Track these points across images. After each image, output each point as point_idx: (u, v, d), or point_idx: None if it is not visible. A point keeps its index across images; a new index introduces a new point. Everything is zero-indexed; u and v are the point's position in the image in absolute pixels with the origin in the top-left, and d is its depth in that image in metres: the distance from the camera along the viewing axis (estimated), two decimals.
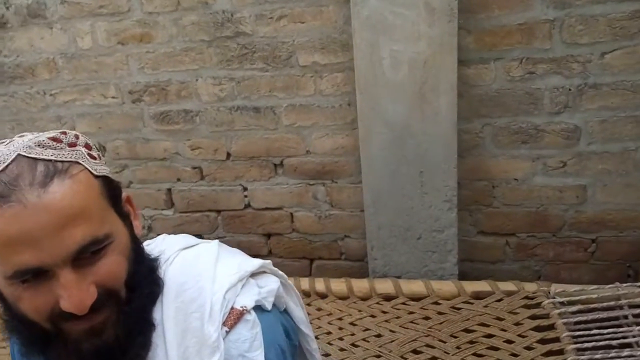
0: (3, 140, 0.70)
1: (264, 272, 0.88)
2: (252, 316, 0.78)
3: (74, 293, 0.64)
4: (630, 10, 1.55)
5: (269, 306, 0.82)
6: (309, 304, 1.78)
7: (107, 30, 1.91)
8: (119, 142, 2.05)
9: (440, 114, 1.65)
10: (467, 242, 1.88)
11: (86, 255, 0.66)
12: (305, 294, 1.82)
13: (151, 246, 0.89)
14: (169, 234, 2.09)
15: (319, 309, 1.75)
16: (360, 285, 1.79)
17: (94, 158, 0.74)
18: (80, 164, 0.70)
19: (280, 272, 0.92)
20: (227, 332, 0.76)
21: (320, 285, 1.82)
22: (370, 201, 1.82)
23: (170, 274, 0.82)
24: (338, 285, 1.81)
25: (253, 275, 0.84)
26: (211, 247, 0.88)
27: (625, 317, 1.51)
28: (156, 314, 0.78)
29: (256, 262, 0.86)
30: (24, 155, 0.65)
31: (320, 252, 2.03)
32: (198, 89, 1.91)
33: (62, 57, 2.00)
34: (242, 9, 1.78)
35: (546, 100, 1.67)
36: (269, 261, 0.90)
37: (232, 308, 0.77)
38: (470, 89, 1.71)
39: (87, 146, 0.75)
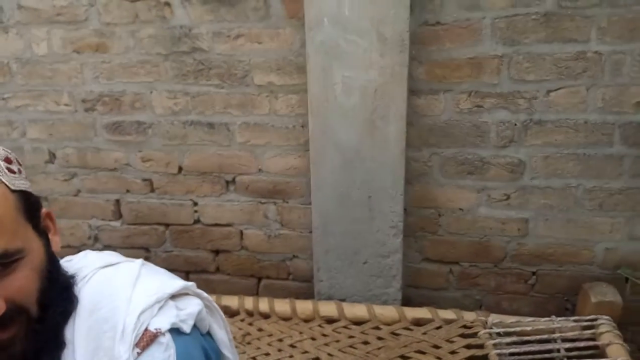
0: None
1: (187, 294, 0.87)
2: (166, 339, 0.77)
3: None
4: (575, 51, 1.60)
5: (187, 329, 0.81)
6: (250, 324, 1.77)
7: (63, 37, 1.89)
8: (70, 150, 2.02)
9: (389, 142, 1.67)
10: (412, 269, 1.90)
11: None
12: (249, 314, 1.81)
13: (72, 262, 0.89)
14: (113, 246, 2.03)
15: (260, 330, 1.74)
16: (304, 306, 1.79)
17: (13, 172, 0.75)
18: None
19: (205, 295, 0.91)
20: (139, 354, 0.75)
21: (264, 305, 1.81)
22: (318, 223, 1.82)
23: (86, 292, 0.81)
24: (282, 306, 1.81)
25: (174, 297, 0.84)
26: (132, 267, 0.87)
27: (558, 350, 1.54)
28: (68, 332, 0.77)
29: (177, 284, 0.86)
30: None
31: (268, 272, 2.03)
32: (152, 101, 1.89)
33: (17, 61, 1.96)
34: (200, 26, 1.78)
35: (493, 134, 1.71)
36: (192, 283, 0.89)
37: (146, 330, 0.77)
38: (420, 118, 1.73)
39: (7, 160, 0.75)
